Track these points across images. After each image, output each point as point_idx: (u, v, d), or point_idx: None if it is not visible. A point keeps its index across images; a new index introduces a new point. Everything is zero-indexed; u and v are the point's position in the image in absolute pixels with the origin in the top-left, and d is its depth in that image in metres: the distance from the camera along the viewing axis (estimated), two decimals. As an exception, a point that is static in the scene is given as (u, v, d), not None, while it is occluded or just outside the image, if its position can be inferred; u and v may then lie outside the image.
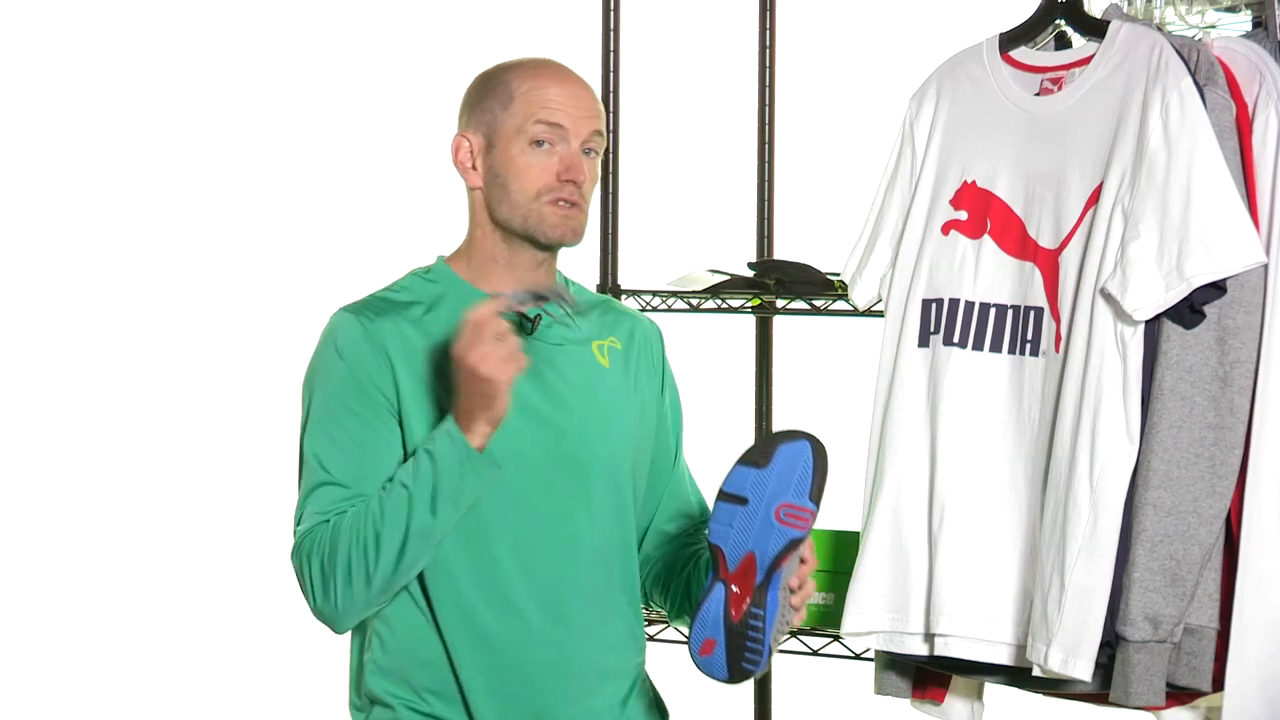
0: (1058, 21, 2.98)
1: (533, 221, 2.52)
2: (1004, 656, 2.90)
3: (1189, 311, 2.75)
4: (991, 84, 2.96)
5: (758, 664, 2.42)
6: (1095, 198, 2.82)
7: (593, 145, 2.54)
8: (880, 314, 3.04)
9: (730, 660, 2.44)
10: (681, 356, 2.81)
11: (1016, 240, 2.91)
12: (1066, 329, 2.84)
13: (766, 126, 3.73)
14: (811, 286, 3.37)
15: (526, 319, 2.54)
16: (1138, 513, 2.77)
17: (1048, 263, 2.87)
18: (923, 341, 2.96)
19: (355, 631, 2.58)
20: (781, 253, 3.72)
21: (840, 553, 3.27)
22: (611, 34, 3.56)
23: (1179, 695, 2.83)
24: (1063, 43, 2.99)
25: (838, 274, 3.28)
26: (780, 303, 3.45)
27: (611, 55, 3.56)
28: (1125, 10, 2.98)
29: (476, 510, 2.47)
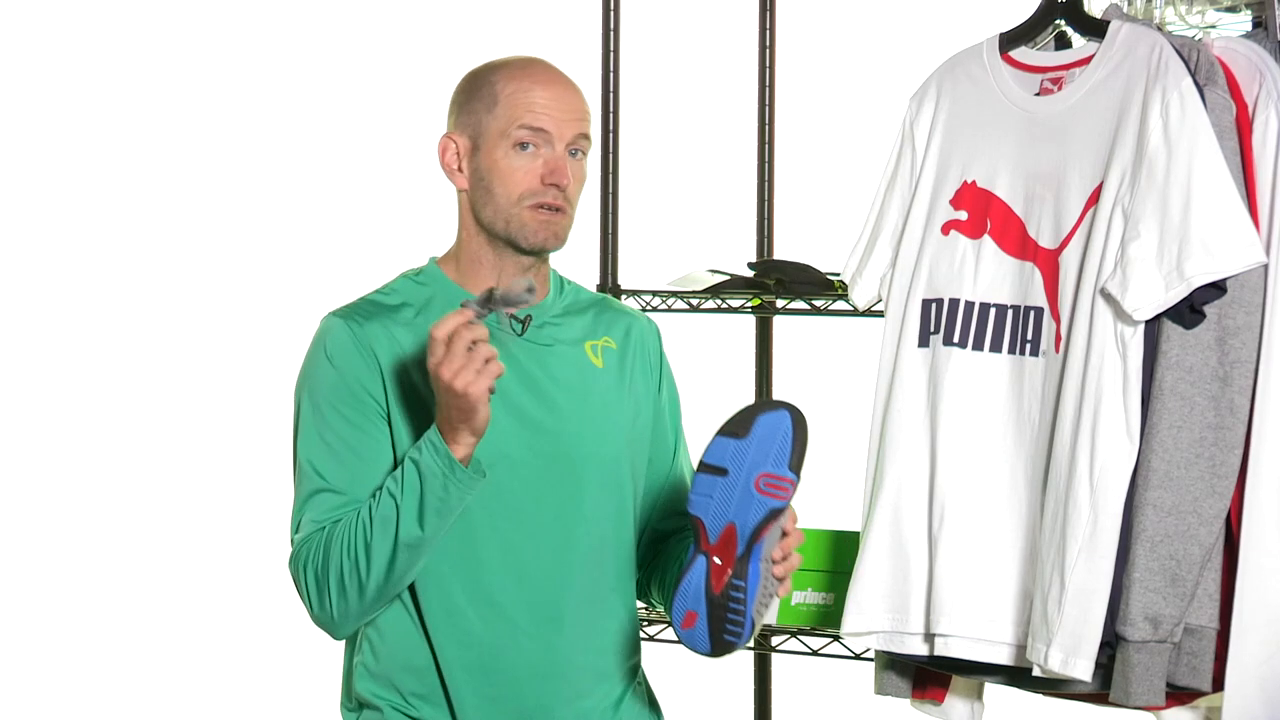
0: (1058, 21, 2.98)
1: (514, 226, 2.51)
2: (1004, 656, 2.90)
3: (1189, 311, 2.75)
4: (991, 84, 2.96)
5: (740, 636, 2.41)
6: (1095, 198, 2.82)
7: (579, 147, 2.53)
8: (880, 314, 3.04)
9: (712, 632, 2.43)
10: (681, 357, 2.81)
11: (1016, 240, 2.91)
12: (1066, 329, 2.84)
13: (766, 126, 3.73)
14: (811, 286, 3.37)
15: (517, 320, 2.54)
16: (1138, 513, 2.77)
17: (1048, 263, 2.87)
18: (923, 341, 2.96)
19: (348, 634, 2.58)
20: (781, 253, 3.72)
21: (840, 553, 3.27)
22: (611, 34, 3.56)
23: (1179, 695, 2.83)
24: (1063, 43, 2.99)
25: (838, 274, 3.28)
26: (780, 303, 3.45)
27: (611, 55, 3.56)
28: (1125, 10, 2.98)
29: (465, 513, 2.47)
